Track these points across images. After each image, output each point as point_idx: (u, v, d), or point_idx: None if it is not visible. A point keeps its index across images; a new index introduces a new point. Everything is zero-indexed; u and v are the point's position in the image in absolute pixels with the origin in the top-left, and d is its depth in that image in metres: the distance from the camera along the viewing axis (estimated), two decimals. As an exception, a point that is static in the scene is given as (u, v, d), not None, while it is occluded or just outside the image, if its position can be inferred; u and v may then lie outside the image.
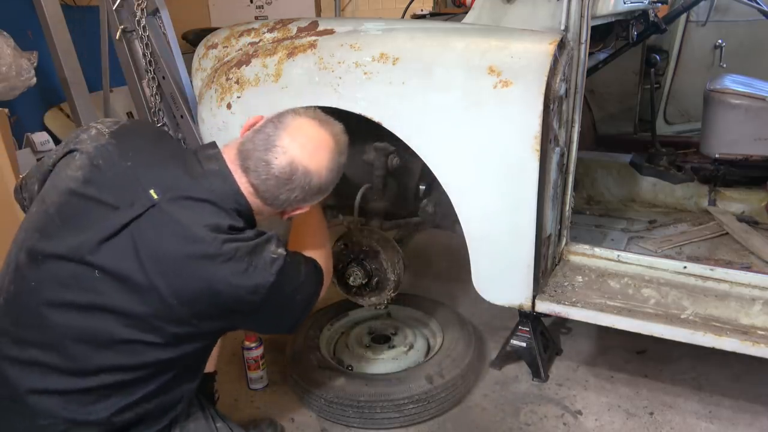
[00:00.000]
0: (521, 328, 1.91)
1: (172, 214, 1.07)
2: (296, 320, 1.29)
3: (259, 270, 1.10)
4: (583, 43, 1.53)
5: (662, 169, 2.42)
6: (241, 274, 1.08)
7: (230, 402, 1.87)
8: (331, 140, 1.21)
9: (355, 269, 1.71)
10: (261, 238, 1.14)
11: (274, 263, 1.12)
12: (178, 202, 1.08)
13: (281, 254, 1.14)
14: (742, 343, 1.46)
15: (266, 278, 1.11)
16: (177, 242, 1.06)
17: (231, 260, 1.07)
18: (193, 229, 1.06)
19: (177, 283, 1.05)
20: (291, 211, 1.25)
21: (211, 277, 1.06)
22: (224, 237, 1.07)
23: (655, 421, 1.74)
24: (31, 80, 2.72)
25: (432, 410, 1.75)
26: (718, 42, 2.62)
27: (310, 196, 1.20)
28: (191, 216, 1.08)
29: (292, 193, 1.17)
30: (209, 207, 1.10)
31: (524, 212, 1.51)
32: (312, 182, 1.18)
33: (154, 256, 1.05)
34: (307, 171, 1.16)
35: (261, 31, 1.76)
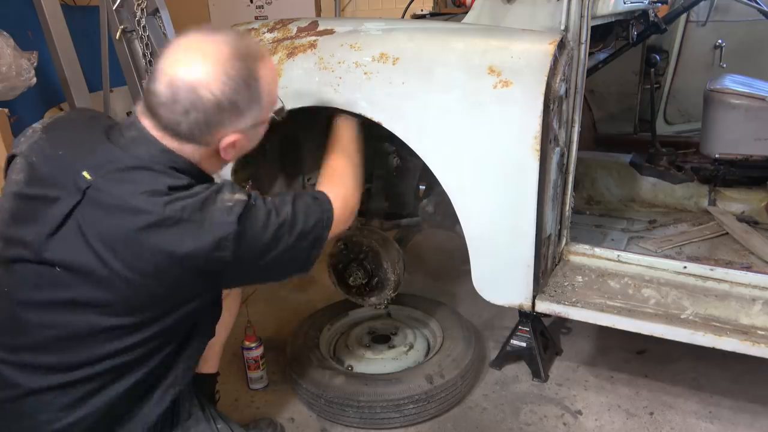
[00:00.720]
0: (521, 328, 1.91)
1: (109, 190, 1.02)
2: (305, 258, 1.20)
3: (216, 223, 1.03)
4: (583, 43, 1.53)
5: (662, 169, 2.42)
6: (197, 233, 1.01)
7: (230, 402, 1.87)
8: (219, 46, 1.06)
9: (355, 269, 1.71)
10: (210, 189, 1.06)
11: (232, 211, 1.04)
12: (111, 178, 1.04)
13: (239, 199, 1.06)
14: (742, 343, 1.46)
15: (226, 229, 1.03)
16: (120, 219, 1.01)
17: (180, 222, 1.01)
18: (132, 201, 1.01)
19: (133, 260, 1.01)
20: (219, 143, 1.11)
21: (166, 245, 1.01)
22: (165, 199, 1.01)
23: (655, 421, 1.74)
24: (31, 80, 2.72)
25: (432, 410, 1.75)
26: (718, 42, 2.61)
27: (216, 114, 1.07)
28: (127, 188, 1.02)
29: (189, 116, 1.05)
30: (142, 173, 1.04)
31: (524, 212, 1.51)
32: (203, 97, 1.04)
33: (102, 239, 1.01)
34: (190, 86, 1.03)
35: (261, 31, 1.76)
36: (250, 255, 1.08)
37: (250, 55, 1.10)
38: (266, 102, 1.15)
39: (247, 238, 1.06)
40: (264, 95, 1.13)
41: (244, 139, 1.15)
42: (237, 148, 1.15)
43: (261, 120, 1.17)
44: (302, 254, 1.18)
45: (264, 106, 1.15)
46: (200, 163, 1.13)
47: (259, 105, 1.13)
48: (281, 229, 1.12)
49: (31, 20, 2.55)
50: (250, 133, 1.16)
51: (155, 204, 1.01)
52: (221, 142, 1.11)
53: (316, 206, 1.20)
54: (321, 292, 2.52)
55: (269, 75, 1.15)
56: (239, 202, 1.06)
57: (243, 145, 1.16)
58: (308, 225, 1.16)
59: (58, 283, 1.04)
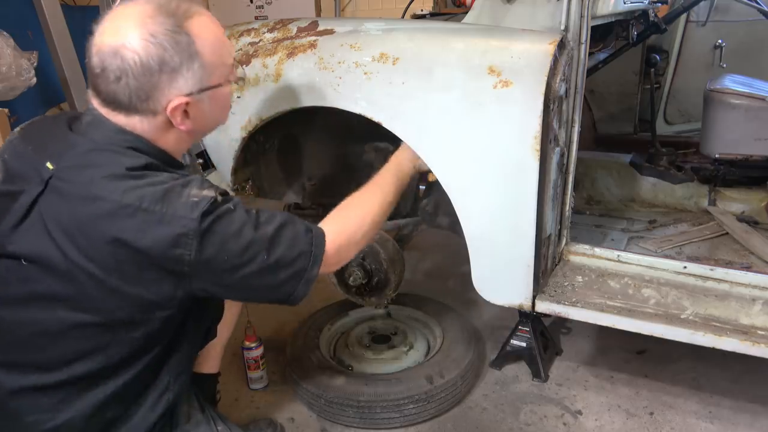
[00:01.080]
0: (521, 328, 1.91)
1: (69, 178, 1.00)
2: (289, 292, 1.11)
3: (177, 217, 0.97)
4: (583, 43, 1.53)
5: (662, 169, 2.42)
6: (155, 226, 0.96)
7: (230, 402, 1.87)
8: (143, 8, 1.02)
9: (355, 269, 1.71)
10: (176, 181, 1.01)
11: (196, 207, 0.98)
12: (71, 165, 1.02)
13: (207, 196, 1.00)
14: (742, 343, 1.46)
15: (187, 225, 0.97)
16: (78, 206, 0.98)
17: (138, 211, 0.96)
18: (91, 188, 0.97)
19: (92, 251, 0.97)
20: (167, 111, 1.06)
21: (122, 236, 0.96)
22: (124, 186, 0.97)
23: (655, 421, 1.74)
24: (31, 80, 2.72)
25: (432, 410, 1.75)
26: (718, 42, 2.61)
27: (147, 76, 1.01)
28: (86, 173, 0.99)
29: (121, 84, 1.01)
30: (100, 156, 1.02)
31: (524, 212, 1.51)
32: (128, 59, 0.99)
33: (62, 228, 0.98)
34: (114, 50, 1.00)
35: (261, 31, 1.76)
36: (217, 262, 1.02)
37: (178, 13, 1.04)
38: (210, 62, 1.08)
39: (212, 241, 0.99)
40: (204, 55, 1.06)
41: (195, 106, 1.08)
42: (191, 116, 1.09)
43: (211, 83, 1.09)
44: (285, 286, 1.10)
45: (208, 67, 1.08)
46: (158, 141, 1.09)
47: (200, 65, 1.06)
48: (256, 245, 1.04)
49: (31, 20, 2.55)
50: (201, 98, 1.09)
51: (113, 191, 0.97)
52: (168, 109, 1.05)
53: (306, 238, 1.12)
54: (321, 292, 2.52)
55: (207, 33, 1.08)
56: (206, 199, 0.99)
57: (198, 113, 1.10)
58: (291, 254, 1.09)
59: (27, 277, 1.02)
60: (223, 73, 1.13)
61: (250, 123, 1.71)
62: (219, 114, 1.18)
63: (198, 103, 1.09)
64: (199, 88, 1.08)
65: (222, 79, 1.13)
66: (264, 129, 1.73)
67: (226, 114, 1.22)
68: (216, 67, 1.10)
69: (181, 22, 1.04)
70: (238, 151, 1.78)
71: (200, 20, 1.07)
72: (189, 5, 1.08)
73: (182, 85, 1.05)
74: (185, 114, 1.08)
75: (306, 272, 1.11)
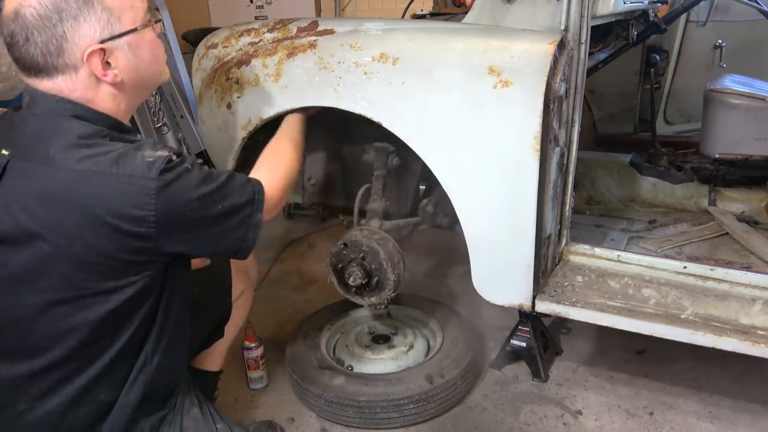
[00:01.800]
0: (521, 328, 1.91)
1: (25, 156, 1.02)
2: (240, 238, 1.15)
3: (135, 178, 0.98)
4: (583, 43, 1.53)
5: (662, 169, 2.42)
6: (114, 188, 0.98)
7: (230, 402, 1.87)
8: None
9: (355, 269, 1.71)
10: (127, 147, 1.02)
11: (153, 165, 0.99)
12: (24, 144, 1.04)
13: (161, 156, 1.01)
14: (742, 343, 1.46)
15: (147, 184, 0.98)
16: (36, 181, 1.00)
17: (95, 176, 0.97)
18: (47, 161, 0.99)
19: (52, 222, 0.98)
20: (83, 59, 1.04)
21: (81, 201, 0.97)
22: (78, 154, 0.98)
23: (655, 421, 1.74)
24: (31, 80, 2.72)
25: (432, 410, 1.75)
26: (718, 42, 2.61)
27: (49, 28, 1.01)
28: (41, 148, 1.01)
29: (30, 44, 1.01)
30: (48, 129, 1.03)
31: (524, 212, 1.51)
32: (27, 16, 1.00)
33: (22, 204, 0.99)
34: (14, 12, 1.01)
35: (261, 31, 1.76)
36: (180, 219, 1.04)
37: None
38: (114, 6, 1.06)
39: (172, 199, 1.01)
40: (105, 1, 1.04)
41: (115, 54, 1.07)
42: (114, 66, 1.07)
43: (123, 29, 1.07)
44: (236, 232, 1.14)
45: (115, 11, 1.06)
46: (95, 103, 1.08)
47: (103, 8, 1.04)
48: (212, 197, 1.08)
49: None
50: (117, 45, 1.07)
51: (68, 160, 0.98)
52: (86, 60, 1.04)
53: (249, 186, 1.18)
54: (321, 292, 2.52)
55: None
56: (161, 158, 1.01)
57: (122, 62, 1.08)
58: (240, 201, 1.14)
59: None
60: (134, 17, 1.10)
61: (250, 123, 1.71)
62: (148, 64, 1.15)
63: (116, 51, 1.07)
64: (111, 34, 1.06)
65: (135, 22, 1.10)
66: (264, 129, 1.73)
67: (159, 64, 1.19)
68: (123, 11, 1.08)
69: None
70: (238, 151, 1.78)
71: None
72: None
73: (89, 31, 1.04)
74: (107, 64, 1.07)
75: (252, 217, 1.16)
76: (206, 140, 1.89)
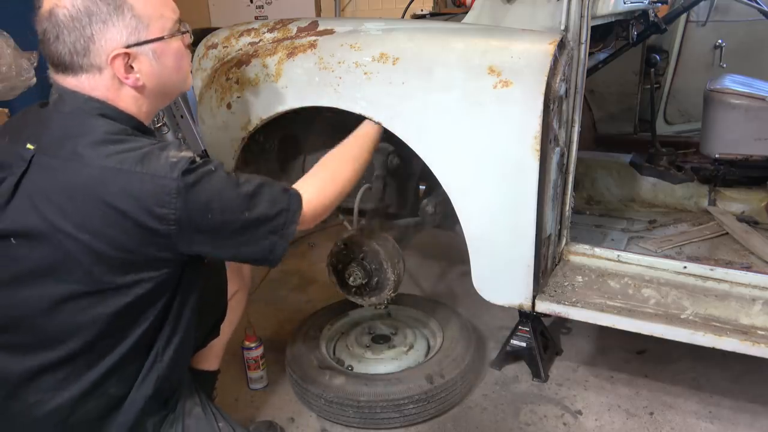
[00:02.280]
0: (521, 328, 1.91)
1: (52, 152, 1.05)
2: (268, 248, 1.16)
3: (157, 176, 1.01)
4: (583, 43, 1.53)
5: (662, 169, 2.42)
6: (138, 186, 1.00)
7: (230, 402, 1.87)
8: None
9: (355, 269, 1.70)
10: (153, 145, 1.05)
11: (176, 166, 1.02)
12: (51, 140, 1.06)
13: (185, 156, 1.04)
14: (742, 343, 1.46)
15: (168, 184, 1.01)
16: (64, 175, 1.02)
17: (120, 173, 1.00)
18: (74, 156, 1.02)
19: (77, 216, 1.01)
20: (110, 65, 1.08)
21: (106, 197, 1.00)
22: (106, 151, 1.02)
23: (655, 421, 1.74)
24: (31, 80, 2.72)
25: (432, 410, 1.75)
26: (718, 42, 2.61)
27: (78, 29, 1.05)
28: (68, 144, 1.04)
29: (60, 42, 1.06)
30: (75, 126, 1.06)
31: (524, 212, 1.51)
32: (60, 15, 1.05)
33: (48, 198, 1.02)
34: (48, 12, 1.06)
35: (261, 31, 1.76)
36: (201, 221, 1.05)
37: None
38: (144, 14, 1.10)
39: (195, 200, 1.03)
40: (136, 7, 1.09)
41: (139, 60, 1.10)
42: (137, 71, 1.11)
43: (149, 36, 1.11)
44: (265, 241, 1.14)
45: (144, 19, 1.10)
46: (117, 102, 1.11)
47: (133, 16, 1.08)
48: (238, 203, 1.09)
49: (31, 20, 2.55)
50: (142, 51, 1.11)
51: (95, 156, 1.01)
52: (110, 62, 1.08)
53: (285, 197, 1.17)
54: (321, 292, 2.52)
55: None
56: (185, 159, 1.03)
57: (145, 68, 1.11)
58: (271, 211, 1.14)
59: (16, 256, 1.05)
60: (162, 26, 1.14)
61: (250, 123, 1.71)
62: (171, 72, 1.17)
63: (141, 56, 1.11)
64: (137, 40, 1.10)
65: (162, 31, 1.13)
66: (264, 129, 1.73)
67: (183, 73, 1.21)
68: (152, 19, 1.12)
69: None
70: (238, 151, 1.78)
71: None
72: None
73: (116, 35, 1.08)
74: (130, 68, 1.10)
75: (284, 228, 1.16)
76: (206, 140, 1.89)
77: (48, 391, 1.09)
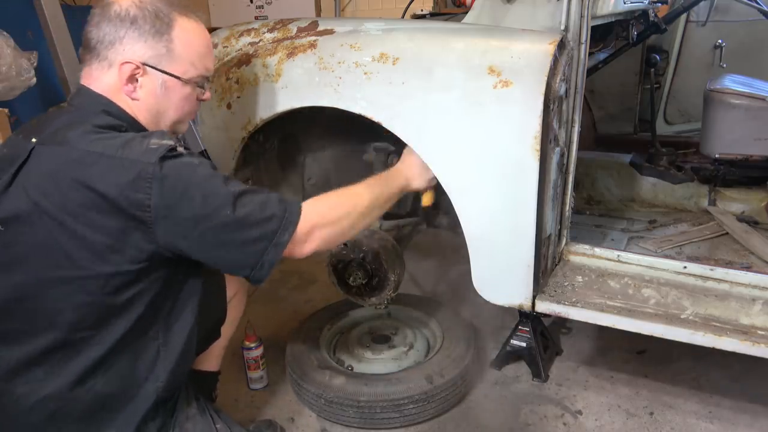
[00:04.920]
0: (521, 328, 1.91)
1: (48, 142, 1.09)
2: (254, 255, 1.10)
3: (134, 160, 1.02)
4: (583, 43, 1.53)
5: (662, 169, 2.42)
6: (116, 169, 1.02)
7: (230, 402, 1.87)
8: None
9: (355, 269, 1.71)
10: (138, 134, 1.09)
11: (155, 152, 1.03)
12: (51, 132, 1.10)
13: (165, 144, 1.05)
14: (742, 343, 1.45)
15: (145, 168, 1.01)
16: (51, 161, 1.06)
17: (101, 158, 1.03)
18: (64, 145, 1.06)
19: (60, 199, 1.03)
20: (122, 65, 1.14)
21: (86, 180, 1.02)
22: (91, 138, 1.06)
23: (655, 421, 1.74)
24: (31, 80, 2.72)
25: (432, 410, 1.75)
26: (718, 42, 2.61)
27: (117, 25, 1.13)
28: (61, 134, 1.08)
29: (98, 27, 1.14)
30: (76, 119, 1.11)
31: (524, 212, 1.51)
32: (112, 9, 1.14)
33: (37, 182, 1.05)
34: (108, 3, 1.15)
35: (261, 31, 1.76)
36: (179, 210, 1.04)
37: (172, 3, 1.19)
38: (178, 53, 1.18)
39: (172, 186, 1.03)
40: (176, 44, 1.17)
41: (146, 79, 1.17)
42: (140, 86, 1.17)
43: (170, 70, 1.18)
44: (253, 246, 1.09)
45: (175, 56, 1.18)
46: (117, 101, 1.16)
47: (168, 49, 1.17)
48: (219, 198, 1.06)
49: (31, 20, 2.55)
50: (154, 75, 1.17)
51: (80, 141, 1.06)
52: (120, 65, 1.14)
53: (280, 205, 1.13)
54: (321, 292, 2.52)
55: (188, 32, 1.20)
56: (164, 146, 1.05)
57: (147, 89, 1.17)
58: (261, 214, 1.09)
59: (6, 242, 1.07)
60: (186, 70, 1.20)
61: (250, 123, 1.71)
62: (170, 107, 1.22)
63: (150, 77, 1.18)
64: (155, 65, 1.17)
65: (184, 73, 1.20)
66: (264, 129, 1.73)
67: (180, 115, 1.25)
68: (182, 61, 1.19)
69: (172, 11, 1.18)
70: (238, 151, 1.78)
71: (189, 21, 1.21)
72: (190, 11, 1.22)
73: (140, 50, 1.15)
74: (134, 79, 1.17)
75: (277, 235, 1.10)
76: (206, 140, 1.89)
77: (38, 381, 1.09)
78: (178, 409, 1.27)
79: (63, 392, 1.10)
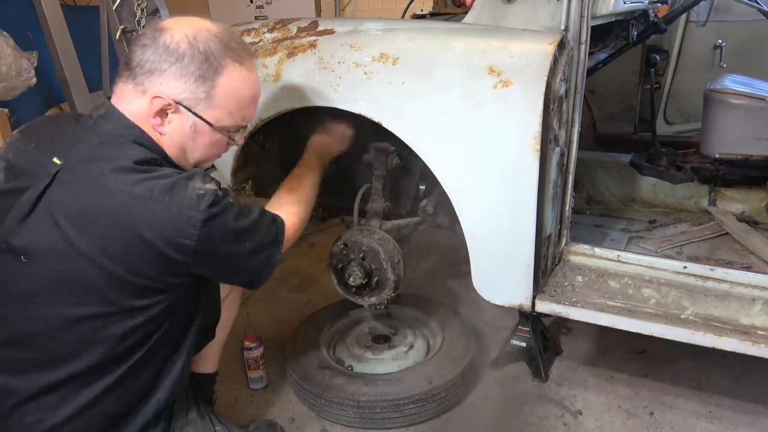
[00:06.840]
0: (521, 328, 1.90)
1: (78, 171, 1.05)
2: (257, 272, 1.23)
3: (185, 208, 1.03)
4: (583, 43, 1.53)
5: (662, 169, 2.42)
6: (164, 215, 1.03)
7: (230, 402, 1.87)
8: (212, 24, 1.17)
9: (355, 269, 1.70)
10: (180, 175, 1.08)
11: (202, 199, 1.05)
12: (80, 158, 1.07)
13: (210, 189, 1.07)
14: (742, 343, 1.46)
15: (195, 216, 1.04)
16: (89, 198, 1.03)
17: (148, 201, 1.02)
18: (100, 179, 1.03)
19: (100, 240, 1.01)
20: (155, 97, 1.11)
21: (132, 225, 1.02)
22: (133, 178, 1.03)
23: (655, 421, 1.74)
24: (31, 80, 2.72)
25: (432, 410, 1.75)
26: (718, 42, 2.61)
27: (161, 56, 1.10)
28: (95, 166, 1.05)
29: (144, 50, 1.10)
30: (107, 148, 1.08)
31: (524, 212, 1.51)
32: (163, 39, 1.10)
33: (70, 218, 1.02)
34: (161, 29, 1.12)
35: (261, 31, 1.76)
36: (214, 250, 1.10)
37: (230, 48, 1.14)
38: (218, 101, 1.14)
39: (212, 232, 1.07)
40: (218, 92, 1.13)
41: (176, 117, 1.13)
42: (167, 122, 1.13)
43: (204, 115, 1.14)
44: (254, 267, 1.21)
45: (213, 103, 1.14)
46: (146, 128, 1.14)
47: (209, 95, 1.13)
48: (245, 234, 1.15)
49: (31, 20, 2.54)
50: (186, 116, 1.14)
51: (123, 182, 1.03)
52: (153, 97, 1.11)
53: (274, 227, 1.24)
54: (321, 292, 2.52)
55: (236, 81, 1.15)
56: (210, 192, 1.06)
57: (175, 126, 1.14)
58: (266, 240, 1.21)
59: (26, 274, 1.04)
60: (221, 117, 1.17)
61: (251, 123, 1.71)
62: (196, 149, 1.20)
63: (180, 116, 1.14)
64: (190, 106, 1.14)
65: (217, 121, 1.17)
66: (264, 129, 1.73)
67: (204, 157, 1.24)
68: (219, 109, 1.16)
69: (224, 57, 1.13)
70: (238, 151, 1.78)
71: (240, 70, 1.16)
72: (247, 56, 1.18)
73: (178, 89, 1.12)
74: (164, 114, 1.13)
75: (273, 257, 1.23)
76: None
77: (48, 410, 1.08)
78: (178, 415, 1.27)
79: (73, 416, 1.09)
